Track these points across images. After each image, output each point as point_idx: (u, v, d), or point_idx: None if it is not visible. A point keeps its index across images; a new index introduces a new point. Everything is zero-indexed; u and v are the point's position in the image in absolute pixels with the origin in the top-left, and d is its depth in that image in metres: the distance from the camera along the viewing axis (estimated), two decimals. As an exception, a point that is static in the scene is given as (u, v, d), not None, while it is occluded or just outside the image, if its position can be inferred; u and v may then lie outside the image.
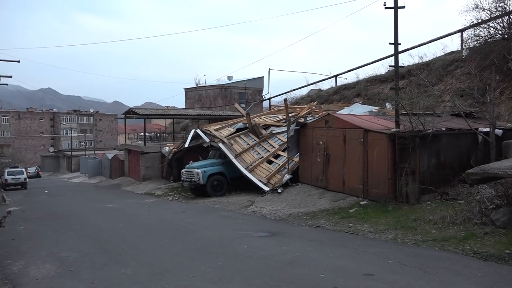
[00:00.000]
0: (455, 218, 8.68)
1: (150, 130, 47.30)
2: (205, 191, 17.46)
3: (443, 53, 21.08)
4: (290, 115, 18.21)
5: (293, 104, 27.92)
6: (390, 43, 12.51)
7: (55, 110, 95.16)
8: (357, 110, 17.51)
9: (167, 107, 58.86)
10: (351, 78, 30.00)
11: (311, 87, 31.59)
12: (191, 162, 19.05)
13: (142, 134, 33.66)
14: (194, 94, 40.05)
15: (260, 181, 15.83)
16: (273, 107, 31.67)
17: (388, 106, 18.36)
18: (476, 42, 16.16)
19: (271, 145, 18.02)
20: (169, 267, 7.27)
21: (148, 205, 17.13)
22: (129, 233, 11.00)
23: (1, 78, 25.50)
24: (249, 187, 16.56)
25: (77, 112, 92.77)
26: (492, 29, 15.65)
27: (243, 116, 22.40)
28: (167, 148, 25.61)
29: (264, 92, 39.04)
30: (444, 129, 11.80)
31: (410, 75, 19.86)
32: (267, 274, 6.53)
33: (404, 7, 12.21)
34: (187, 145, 21.09)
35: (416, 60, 22.06)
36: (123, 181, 30.84)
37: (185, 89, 40.99)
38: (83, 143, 71.40)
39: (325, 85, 30.28)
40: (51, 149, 78.38)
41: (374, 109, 18.00)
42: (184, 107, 40.46)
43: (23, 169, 36.67)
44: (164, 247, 8.90)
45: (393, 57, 12.88)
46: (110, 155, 39.40)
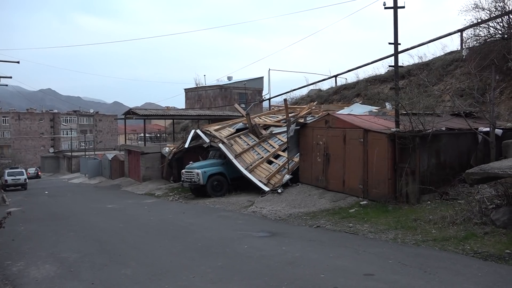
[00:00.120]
0: (455, 218, 8.68)
1: (150, 131, 47.30)
2: (205, 191, 17.46)
3: (443, 53, 21.11)
4: (290, 115, 18.21)
5: (293, 104, 27.93)
6: (390, 43, 12.54)
7: (55, 111, 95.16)
8: (357, 110, 17.52)
9: (167, 107, 58.69)
10: (351, 78, 30.06)
11: (311, 87, 31.63)
12: (191, 162, 19.05)
13: (142, 135, 33.71)
14: (194, 94, 40.07)
15: (260, 181, 15.83)
16: (273, 107, 31.66)
17: (388, 106, 18.37)
18: (476, 42, 16.19)
19: (271, 145, 18.02)
20: (169, 267, 7.27)
21: (148, 205, 17.12)
22: (129, 233, 11.01)
23: (1, 79, 25.50)
24: (249, 187, 16.55)
25: (77, 113, 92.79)
26: (491, 28, 15.69)
27: (243, 116, 22.39)
28: (167, 148, 25.62)
29: (264, 92, 39.12)
30: (444, 129, 11.79)
31: (410, 75, 19.87)
32: (267, 274, 6.53)
33: (403, 7, 12.23)
34: (187, 145, 21.10)
35: (416, 60, 22.11)
36: (123, 181, 30.84)
37: (185, 89, 41.02)
38: (83, 144, 71.56)
39: (325, 85, 30.35)
40: (51, 150, 78.36)
41: (374, 109, 18.00)
42: (184, 107, 40.49)
43: (23, 170, 36.68)
44: (164, 248, 8.90)
45: (393, 57, 12.89)
46: (110, 155, 39.41)
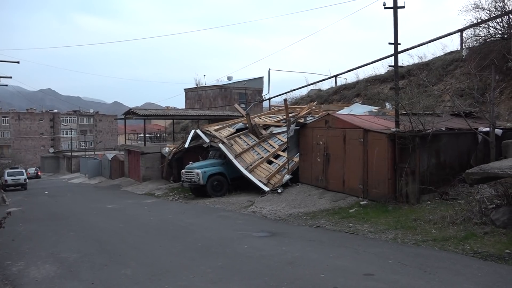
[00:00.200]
0: (455, 218, 8.68)
1: (150, 131, 47.29)
2: (205, 191, 17.46)
3: (442, 53, 21.10)
4: (290, 115, 18.21)
5: (293, 104, 27.93)
6: (390, 43, 12.53)
7: (55, 111, 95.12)
8: (357, 110, 17.52)
9: (167, 107, 58.78)
10: (350, 78, 30.04)
11: (311, 87, 31.62)
12: (191, 162, 19.06)
13: (142, 135, 33.70)
14: (194, 94, 40.07)
15: (260, 181, 15.83)
16: (273, 107, 31.67)
17: (388, 106, 18.36)
18: (475, 42, 16.19)
19: (271, 145, 18.02)
20: (169, 267, 7.27)
21: (148, 205, 17.13)
22: (129, 233, 11.01)
23: (1, 79, 25.51)
24: (249, 187, 16.55)
25: (77, 113, 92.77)
26: (491, 28, 15.69)
27: (243, 116, 22.39)
28: (167, 148, 25.62)
29: (264, 92, 39.11)
30: (444, 129, 11.80)
31: (410, 75, 19.85)
32: (267, 274, 6.53)
33: (403, 7, 12.23)
34: (187, 145, 21.10)
35: (416, 60, 22.11)
36: (123, 181, 30.84)
37: (185, 89, 41.02)
38: (83, 144, 71.60)
39: (325, 85, 30.33)
40: (51, 150, 78.32)
41: (374, 109, 18.00)
42: (184, 107, 40.49)
43: (23, 170, 36.70)
44: (164, 248, 8.90)
45: (393, 57, 12.88)
46: (110, 155, 39.40)
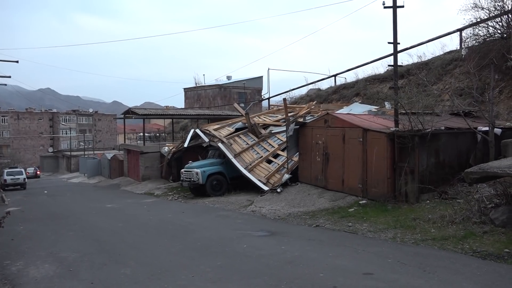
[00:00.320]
0: (454, 217, 8.69)
1: (149, 130, 47.28)
2: (204, 191, 17.46)
3: (442, 52, 21.09)
4: (289, 114, 18.22)
5: (292, 103, 27.93)
6: (389, 43, 12.53)
7: (54, 110, 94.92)
8: (356, 110, 17.52)
9: (166, 107, 58.82)
10: (350, 77, 29.93)
11: (310, 86, 31.60)
12: (190, 162, 19.04)
13: (141, 134, 33.62)
14: (193, 94, 40.06)
15: (260, 180, 15.83)
16: (272, 106, 31.67)
17: (387, 105, 18.36)
18: (475, 41, 16.18)
19: (270, 144, 18.02)
20: (168, 267, 7.27)
21: (148, 205, 17.12)
22: (128, 233, 11.00)
23: (0, 78, 25.50)
24: (249, 187, 16.56)
25: (76, 112, 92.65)
26: (491, 28, 15.68)
27: (242, 115, 22.40)
28: (167, 148, 25.61)
29: (263, 92, 39.13)
30: (443, 128, 11.80)
31: (409, 75, 19.85)
32: (267, 273, 6.53)
33: (403, 6, 12.22)
34: (186, 145, 21.09)
35: (415, 60, 22.09)
36: (122, 181, 30.82)
37: (184, 89, 41.01)
38: (82, 143, 71.40)
39: (324, 85, 30.38)
40: (50, 149, 78.19)
41: (373, 108, 18.00)
42: (183, 107, 40.49)
43: (22, 170, 36.69)
44: (163, 247, 8.90)
45: (392, 57, 12.89)
46: (109, 155, 39.34)
